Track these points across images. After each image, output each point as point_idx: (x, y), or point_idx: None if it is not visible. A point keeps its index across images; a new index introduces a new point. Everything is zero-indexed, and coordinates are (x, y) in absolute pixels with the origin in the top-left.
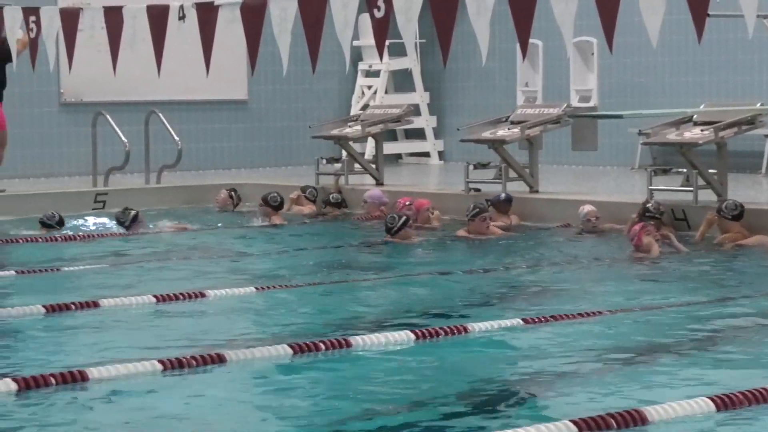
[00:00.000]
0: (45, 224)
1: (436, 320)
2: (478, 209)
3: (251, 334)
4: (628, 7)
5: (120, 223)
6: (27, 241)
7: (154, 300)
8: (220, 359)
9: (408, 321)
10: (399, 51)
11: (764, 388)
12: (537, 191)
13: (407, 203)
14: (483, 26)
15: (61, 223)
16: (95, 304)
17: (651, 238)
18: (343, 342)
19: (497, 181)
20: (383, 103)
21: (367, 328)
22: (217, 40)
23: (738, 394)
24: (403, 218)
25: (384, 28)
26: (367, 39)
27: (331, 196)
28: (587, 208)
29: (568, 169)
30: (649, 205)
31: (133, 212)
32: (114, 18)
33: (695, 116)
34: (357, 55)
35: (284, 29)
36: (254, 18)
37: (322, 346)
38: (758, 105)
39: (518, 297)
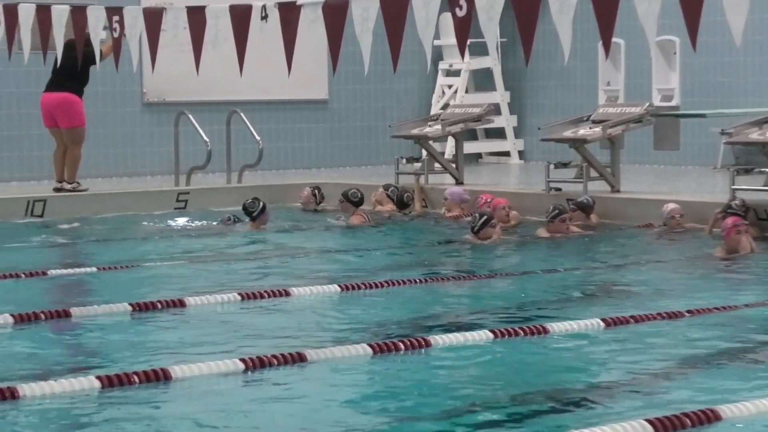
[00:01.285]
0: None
1: (515, 320)
2: (557, 210)
3: (333, 333)
4: (712, 6)
5: (248, 213)
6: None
7: (239, 297)
8: (301, 358)
9: (488, 321)
10: (480, 50)
11: None
12: (618, 191)
13: (488, 200)
14: (566, 25)
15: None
16: (181, 303)
17: (743, 235)
18: (423, 341)
19: (578, 180)
20: (463, 102)
21: (446, 328)
22: (299, 40)
23: None
24: (485, 217)
25: (466, 28)
26: (448, 38)
27: (405, 196)
28: (671, 206)
29: (649, 169)
30: (733, 202)
31: (261, 203)
32: (197, 18)
33: None
34: (438, 55)
35: (366, 29)
36: (336, 17)
37: (402, 346)
38: None
39: (598, 297)
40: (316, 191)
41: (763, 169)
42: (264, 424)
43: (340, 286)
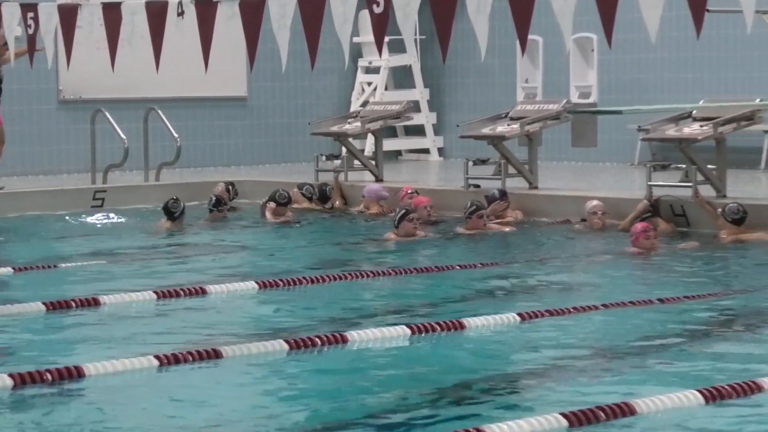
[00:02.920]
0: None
1: (433, 316)
2: (475, 206)
3: (250, 330)
4: (628, 3)
5: (170, 213)
6: None
7: (155, 296)
8: (216, 355)
9: (405, 316)
10: (399, 47)
11: (753, 381)
12: (536, 187)
13: (409, 191)
14: (482, 22)
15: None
16: (95, 301)
17: (651, 241)
18: (340, 337)
19: (497, 177)
20: (383, 99)
21: (364, 323)
22: (216, 37)
23: (727, 386)
24: (403, 211)
25: (383, 24)
26: (367, 35)
27: (327, 189)
28: (593, 202)
29: (567, 166)
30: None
31: (183, 204)
32: (112, 14)
33: (694, 112)
34: (357, 52)
35: (283, 25)
36: (253, 14)
37: (318, 342)
38: (757, 101)
39: (515, 293)
40: (230, 186)
41: (679, 166)
42: (178, 421)
43: (257, 282)
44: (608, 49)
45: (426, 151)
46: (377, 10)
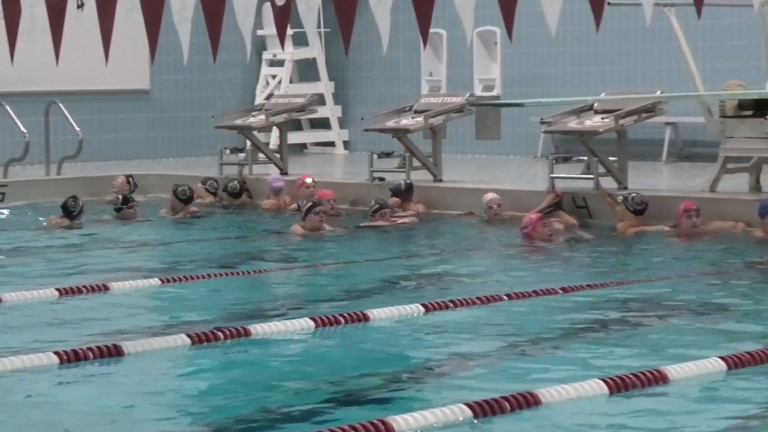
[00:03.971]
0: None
1: (338, 308)
2: (378, 205)
3: (154, 326)
4: None
5: (68, 212)
6: None
7: (57, 294)
8: (118, 351)
9: (310, 309)
10: (303, 40)
11: (657, 371)
12: (441, 180)
13: (305, 180)
14: (384, 15)
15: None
16: None
17: (547, 228)
18: (243, 331)
19: (401, 170)
20: (288, 92)
21: (269, 317)
22: (117, 29)
23: (631, 376)
24: (309, 203)
25: (285, 17)
26: (271, 28)
27: (228, 185)
28: (489, 195)
29: (472, 158)
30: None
31: (81, 203)
32: (11, 6)
33: (596, 105)
34: (261, 45)
35: (184, 18)
36: (154, 6)
37: (221, 336)
38: (658, 93)
39: (420, 284)
40: (130, 179)
41: (581, 158)
42: (78, 418)
43: (160, 279)
44: (511, 43)
45: (331, 144)
46: (279, 2)
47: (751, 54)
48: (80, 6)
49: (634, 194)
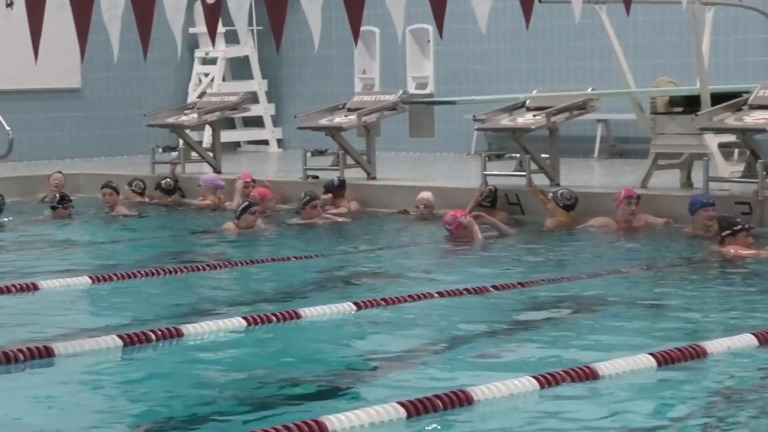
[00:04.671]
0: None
1: (270, 307)
2: (309, 197)
3: (85, 326)
4: None
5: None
6: None
7: None
8: (48, 352)
9: (243, 308)
10: (236, 38)
11: (588, 367)
12: (374, 178)
13: (246, 179)
14: (315, 12)
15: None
16: None
17: (470, 222)
18: (175, 331)
19: (335, 168)
20: (220, 90)
21: (201, 316)
22: (47, 28)
23: (562, 372)
24: (246, 203)
25: (215, 15)
26: (202, 26)
27: (162, 182)
28: (423, 194)
29: (405, 156)
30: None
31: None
32: None
33: (528, 102)
34: (194, 42)
35: (114, 15)
36: (83, 4)
37: (153, 336)
38: (589, 90)
39: (352, 282)
40: (61, 173)
41: (513, 155)
42: (5, 421)
43: (91, 277)
44: (445, 40)
45: (265, 142)
46: (209, 0)
47: (681, 51)
48: (9, 5)
49: (563, 190)
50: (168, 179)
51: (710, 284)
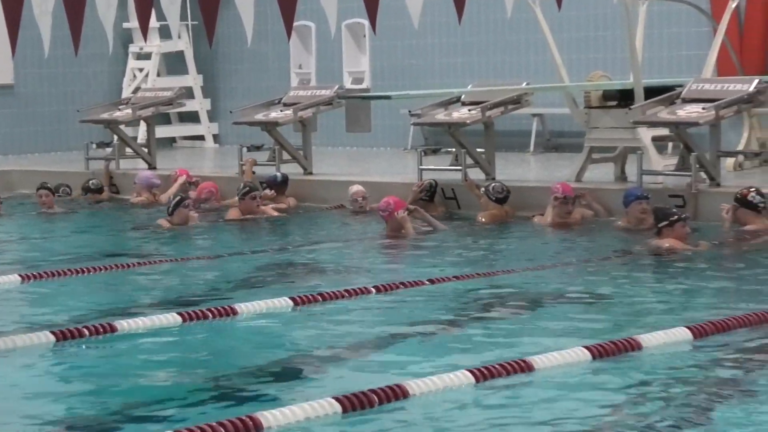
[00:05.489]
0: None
1: (206, 302)
2: (248, 188)
3: (17, 324)
4: None
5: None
6: None
7: None
8: None
9: (178, 304)
10: (171, 33)
11: (523, 360)
12: (311, 173)
13: (181, 174)
14: (247, 7)
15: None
16: None
17: (403, 217)
18: (108, 327)
19: (271, 163)
20: (155, 86)
21: (135, 312)
22: None
23: (497, 365)
24: (178, 198)
25: (147, 10)
26: (136, 21)
27: (90, 182)
28: (355, 188)
29: (342, 151)
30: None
31: None
32: None
33: (463, 96)
34: (128, 38)
35: (44, 11)
36: (13, 0)
37: (87, 332)
38: (524, 84)
39: (288, 277)
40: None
41: (449, 149)
42: None
43: (20, 275)
44: (380, 35)
45: (201, 137)
46: None
47: (615, 45)
48: None
49: (494, 183)
50: (95, 179)
51: (645, 277)
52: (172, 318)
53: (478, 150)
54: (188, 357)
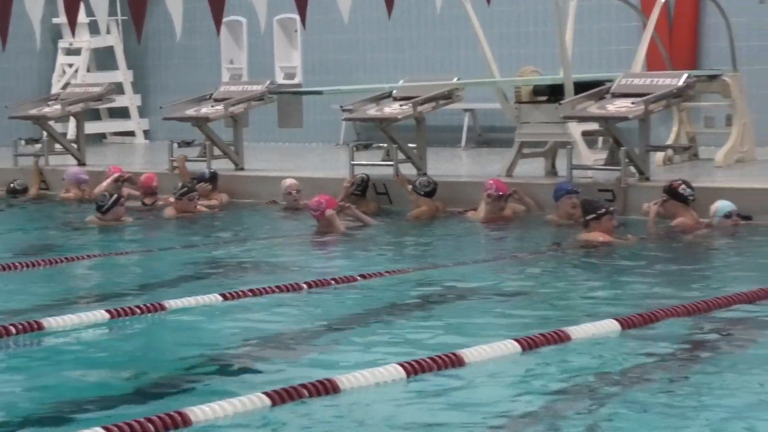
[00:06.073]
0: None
1: (135, 299)
2: (186, 188)
3: None
4: None
5: None
6: None
7: None
8: None
9: (107, 301)
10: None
11: (453, 354)
12: (242, 169)
13: (119, 173)
14: (176, 2)
15: None
16: None
17: (332, 215)
18: (35, 325)
19: (202, 159)
20: (85, 81)
21: (63, 309)
22: None
23: (428, 360)
24: (114, 196)
25: (75, 5)
26: (65, 16)
27: (15, 183)
28: (288, 181)
29: (275, 147)
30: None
31: None
32: None
33: (395, 92)
34: (57, 33)
35: None
36: None
37: (14, 330)
38: (455, 80)
39: (220, 273)
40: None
41: (381, 145)
42: None
43: None
44: (312, 30)
45: (131, 133)
46: None
47: (545, 40)
48: None
49: (421, 178)
50: (19, 180)
51: (574, 271)
52: (100, 315)
53: (410, 145)
54: (117, 353)
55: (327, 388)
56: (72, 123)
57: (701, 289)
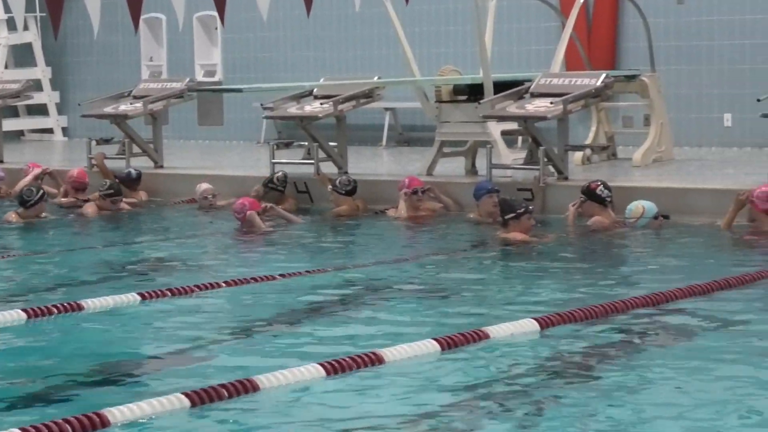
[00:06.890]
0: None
1: (51, 298)
2: (112, 190)
3: None
4: None
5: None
6: None
7: None
8: None
9: (22, 300)
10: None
11: (373, 352)
12: (162, 166)
13: (36, 170)
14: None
15: None
16: None
17: (251, 215)
18: None
19: (121, 156)
20: (2, 78)
21: None
22: None
23: (347, 359)
24: (41, 192)
25: None
26: None
27: None
28: (203, 186)
29: (195, 144)
30: (276, 176)
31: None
32: None
33: (315, 90)
34: None
35: None
36: None
37: None
38: (375, 78)
39: (139, 272)
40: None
41: (302, 143)
42: None
43: None
44: (232, 28)
45: (49, 131)
46: None
47: (465, 39)
48: None
49: (341, 177)
50: None
51: (493, 269)
52: (16, 314)
53: (331, 144)
54: (33, 354)
55: (247, 388)
56: None
57: (618, 288)
